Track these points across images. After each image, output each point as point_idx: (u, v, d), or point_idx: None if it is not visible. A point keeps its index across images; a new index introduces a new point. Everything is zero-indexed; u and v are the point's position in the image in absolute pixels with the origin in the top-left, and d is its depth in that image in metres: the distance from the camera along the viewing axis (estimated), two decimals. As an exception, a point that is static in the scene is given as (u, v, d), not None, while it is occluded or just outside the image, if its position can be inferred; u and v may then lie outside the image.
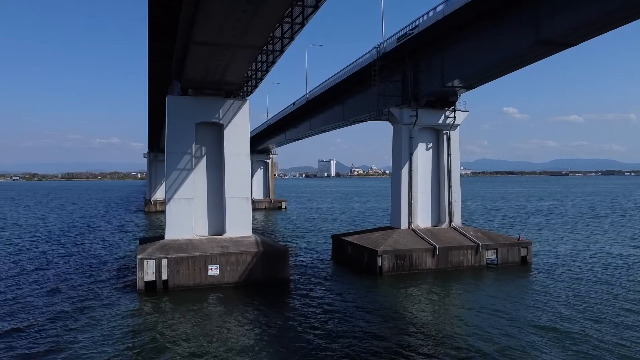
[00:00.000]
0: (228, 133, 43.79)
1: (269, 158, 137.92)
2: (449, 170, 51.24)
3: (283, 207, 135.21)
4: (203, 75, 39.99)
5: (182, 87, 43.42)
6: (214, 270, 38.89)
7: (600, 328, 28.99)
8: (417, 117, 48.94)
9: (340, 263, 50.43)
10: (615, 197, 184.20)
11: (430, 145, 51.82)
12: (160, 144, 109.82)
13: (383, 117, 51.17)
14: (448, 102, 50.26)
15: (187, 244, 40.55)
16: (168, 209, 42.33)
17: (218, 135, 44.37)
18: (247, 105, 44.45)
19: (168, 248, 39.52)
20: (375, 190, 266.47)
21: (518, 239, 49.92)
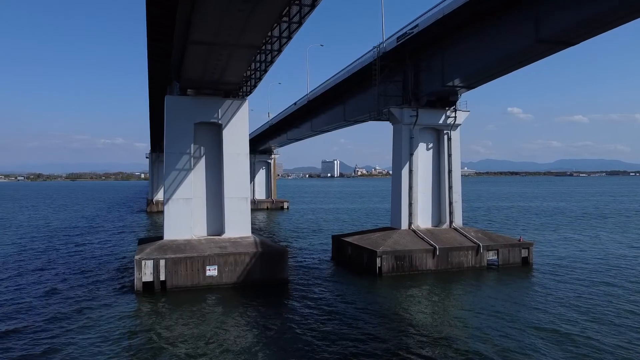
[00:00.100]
0: (227, 133, 43.64)
1: (271, 158, 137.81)
2: (450, 171, 50.90)
3: (285, 207, 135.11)
4: (201, 75, 39.85)
5: (181, 87, 43.32)
6: (212, 271, 38.72)
7: (602, 330, 28.67)
8: (417, 117, 48.65)
9: (340, 264, 50.19)
10: (620, 197, 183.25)
11: (431, 146, 51.51)
12: (163, 145, 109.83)
13: (383, 117, 50.92)
14: (449, 101, 49.96)
15: (185, 245, 40.41)
16: (167, 209, 42.22)
17: (217, 135, 44.24)
18: (246, 105, 44.29)
19: (166, 248, 39.39)
20: (379, 191, 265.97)
21: (519, 240, 49.55)
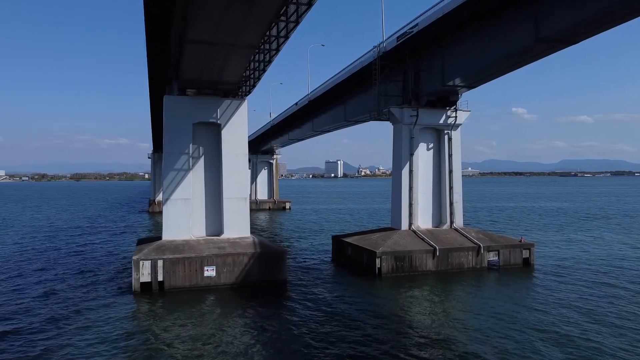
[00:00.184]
0: (226, 133, 43.45)
1: (273, 158, 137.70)
2: (450, 171, 50.58)
3: (287, 207, 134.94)
4: (199, 75, 39.70)
5: (180, 87, 43.16)
6: (210, 272, 38.55)
7: (603, 331, 28.34)
8: (417, 116, 48.36)
9: (340, 264, 49.94)
10: (625, 197, 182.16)
11: (431, 146, 51.19)
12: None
13: (383, 117, 50.66)
14: (449, 101, 49.63)
15: (183, 245, 40.26)
16: (165, 210, 42.09)
17: (216, 136, 44.04)
18: (245, 105, 44.09)
19: (164, 249, 39.25)
20: (382, 191, 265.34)
21: (520, 241, 49.16)
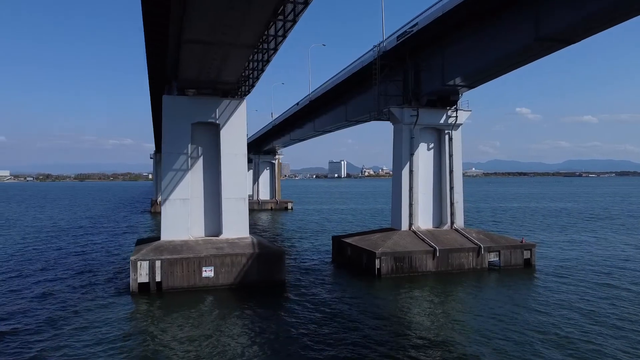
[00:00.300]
0: (224, 133, 43.30)
1: (275, 159, 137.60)
2: (451, 171, 50.26)
3: (289, 208, 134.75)
4: (198, 75, 39.61)
5: (179, 86, 43.06)
6: (209, 272, 38.42)
7: (605, 333, 28.07)
8: (417, 116, 48.09)
9: (340, 265, 49.73)
10: (629, 198, 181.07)
11: (432, 146, 50.89)
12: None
13: (383, 116, 50.44)
14: (449, 101, 49.34)
15: (182, 245, 40.14)
16: (164, 210, 42.00)
17: (215, 136, 43.90)
18: (243, 105, 43.92)
19: (162, 249, 39.14)
20: (385, 191, 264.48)
21: (521, 241, 48.79)
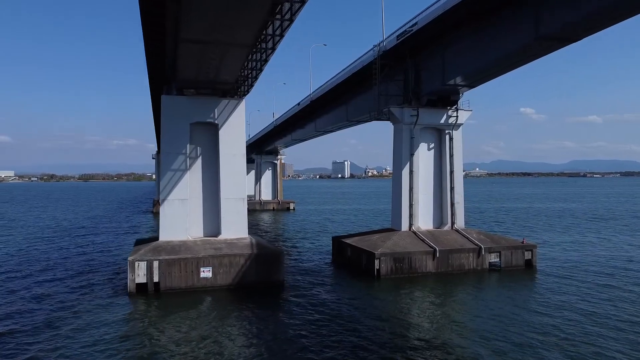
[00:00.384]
0: (223, 133, 43.16)
1: (277, 159, 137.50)
2: (452, 171, 49.97)
3: (291, 208, 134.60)
4: (196, 74, 39.47)
5: (178, 86, 42.98)
6: (207, 273, 38.26)
7: (607, 335, 27.74)
8: (417, 116, 47.81)
9: (340, 266, 49.51)
10: (634, 198, 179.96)
11: (432, 146, 50.60)
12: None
13: (383, 116, 50.21)
14: (450, 101, 49.04)
15: (180, 246, 40.01)
16: (162, 210, 41.90)
17: (214, 136, 43.74)
18: (242, 105, 43.76)
19: (160, 250, 39.01)
20: (388, 192, 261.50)
21: (522, 242, 48.43)
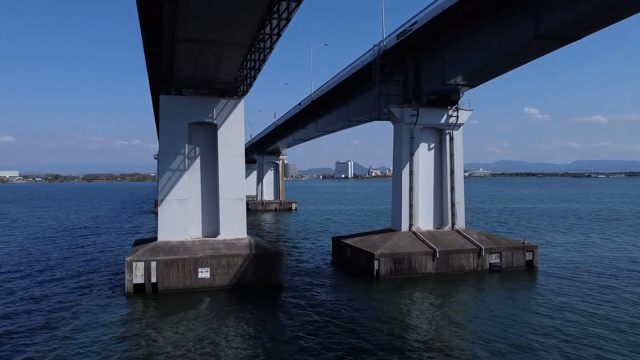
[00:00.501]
0: (222, 133, 43.02)
1: (279, 159, 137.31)
2: (452, 171, 49.66)
3: (293, 208, 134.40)
4: (194, 74, 39.34)
5: (176, 86, 42.85)
6: (205, 273, 38.10)
7: (608, 337, 27.47)
8: (418, 116, 47.54)
9: (340, 266, 49.29)
10: (638, 199, 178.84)
11: (433, 146, 50.31)
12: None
13: (383, 116, 49.97)
14: (450, 100, 48.74)
15: (178, 246, 39.86)
16: (161, 210, 41.80)
17: (212, 136, 43.61)
18: (241, 105, 43.59)
19: (158, 250, 38.88)
20: (391, 192, 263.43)
21: (523, 243, 48.05)
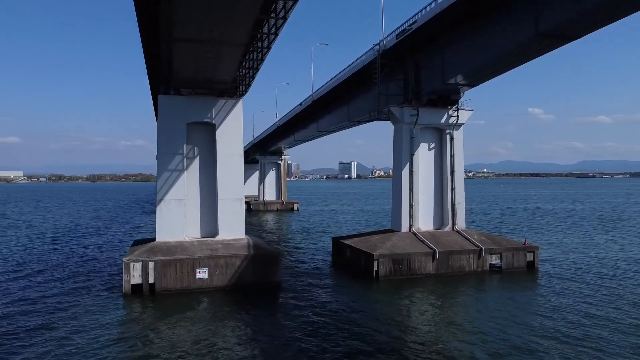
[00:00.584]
0: (221, 133, 42.89)
1: (281, 159, 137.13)
2: (452, 171, 49.36)
3: (295, 208, 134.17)
4: (193, 73, 39.25)
5: (175, 86, 42.78)
6: (203, 274, 37.96)
7: (609, 338, 27.19)
8: (418, 116, 47.27)
9: (340, 267, 49.07)
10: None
11: (433, 146, 50.01)
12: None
13: (383, 116, 49.74)
14: (450, 100, 48.45)
15: (176, 247, 39.75)
16: (159, 211, 41.75)
17: (211, 136, 43.47)
18: (240, 105, 43.44)
19: (156, 250, 38.78)
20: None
21: (524, 243, 47.69)
